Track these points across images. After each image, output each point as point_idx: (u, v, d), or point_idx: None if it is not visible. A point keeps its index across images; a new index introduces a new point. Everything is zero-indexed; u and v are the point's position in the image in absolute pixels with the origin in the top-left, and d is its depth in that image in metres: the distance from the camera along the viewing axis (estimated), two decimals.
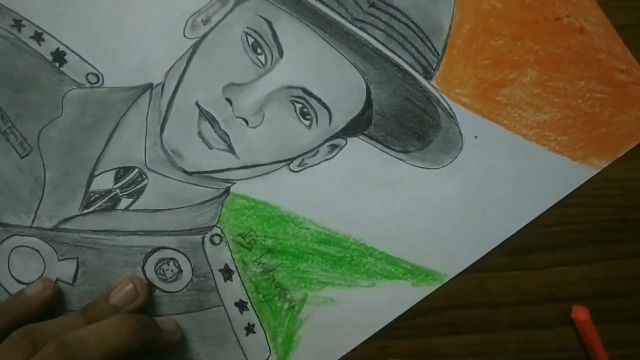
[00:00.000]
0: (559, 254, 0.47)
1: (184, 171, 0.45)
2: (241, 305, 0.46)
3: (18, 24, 0.44)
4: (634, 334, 0.47)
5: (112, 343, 0.37)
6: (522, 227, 0.46)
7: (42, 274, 0.44)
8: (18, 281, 0.44)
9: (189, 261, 0.45)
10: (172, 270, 0.45)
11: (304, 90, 0.44)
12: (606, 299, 0.47)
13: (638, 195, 0.47)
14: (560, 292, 0.47)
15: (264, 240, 0.46)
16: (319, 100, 0.44)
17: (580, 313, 0.46)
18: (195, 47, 0.45)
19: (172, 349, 0.44)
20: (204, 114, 0.44)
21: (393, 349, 0.47)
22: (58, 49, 0.44)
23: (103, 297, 0.42)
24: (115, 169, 0.45)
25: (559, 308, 0.47)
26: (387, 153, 0.46)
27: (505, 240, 0.47)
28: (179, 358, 0.45)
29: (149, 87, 0.45)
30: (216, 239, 0.46)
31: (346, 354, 0.46)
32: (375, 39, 0.44)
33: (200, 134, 0.44)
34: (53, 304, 0.43)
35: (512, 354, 0.47)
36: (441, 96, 0.45)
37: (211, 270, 0.46)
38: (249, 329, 0.46)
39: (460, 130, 0.46)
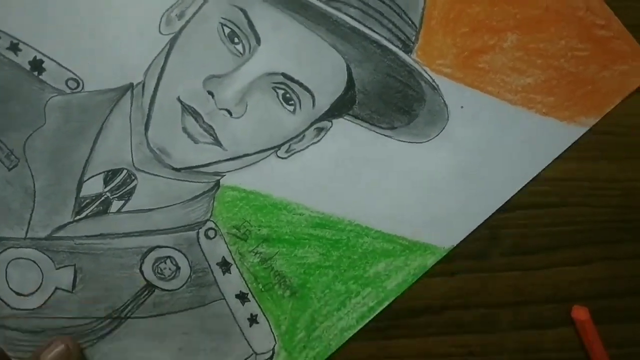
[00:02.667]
0: (559, 254, 0.47)
1: (173, 168, 0.45)
2: (242, 297, 0.46)
3: None
4: (634, 334, 0.47)
5: None
6: (523, 227, 0.47)
7: (41, 285, 0.44)
8: (17, 293, 0.44)
9: (186, 258, 0.45)
10: (169, 269, 0.45)
11: (285, 75, 0.44)
12: (606, 299, 0.47)
13: (638, 195, 0.47)
14: (560, 292, 0.47)
15: (259, 230, 0.46)
16: (300, 84, 0.44)
17: (580, 313, 0.46)
18: (172, 42, 0.44)
19: None
20: (187, 109, 0.44)
21: (393, 349, 0.47)
22: (35, 57, 0.44)
23: (34, 357, 0.42)
24: (103, 172, 0.45)
25: (559, 308, 0.47)
26: (374, 131, 0.46)
27: (506, 240, 0.47)
28: (185, 356, 0.45)
29: (130, 87, 0.44)
30: (211, 233, 0.45)
31: (346, 352, 0.46)
32: (352, 17, 0.43)
33: (185, 129, 0.44)
34: None
35: (512, 354, 0.47)
36: (423, 69, 0.45)
37: (209, 264, 0.45)
38: (252, 319, 0.46)
39: (445, 102, 0.45)
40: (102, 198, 0.45)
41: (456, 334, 0.47)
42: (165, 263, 0.45)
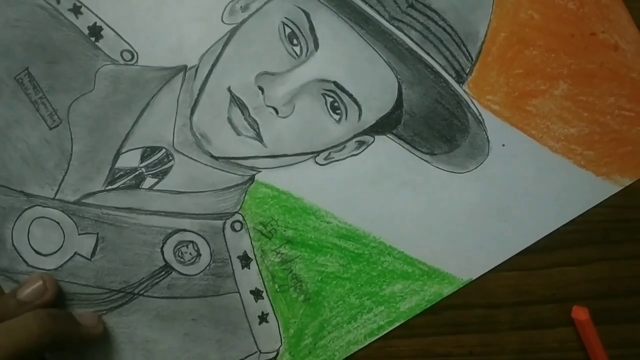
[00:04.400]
0: (559, 254, 0.47)
1: (211, 155, 0.45)
2: (256, 294, 0.46)
3: None
4: (634, 334, 0.48)
5: (21, 338, 0.37)
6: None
7: (61, 247, 0.45)
8: (36, 252, 0.44)
9: (209, 245, 0.45)
10: (190, 253, 0.45)
11: (337, 84, 0.44)
12: (606, 299, 0.47)
13: (638, 195, 0.47)
14: (560, 292, 0.47)
15: (285, 231, 0.46)
16: (350, 95, 0.44)
17: (580, 313, 0.46)
18: (232, 33, 0.45)
19: (93, 343, 0.44)
20: (235, 100, 0.44)
21: (393, 349, 0.47)
22: (95, 23, 0.44)
23: (11, 294, 0.42)
24: (142, 147, 0.45)
25: (559, 308, 0.47)
26: (414, 154, 0.46)
27: None
28: (190, 342, 0.45)
29: (183, 68, 0.45)
30: (237, 226, 0.46)
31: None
32: (411, 39, 0.44)
33: (229, 119, 0.44)
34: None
35: (512, 354, 0.47)
36: (472, 101, 0.45)
37: (229, 256, 0.46)
38: (263, 317, 0.46)
39: (487, 137, 0.46)
40: (137, 173, 0.45)
41: (456, 334, 0.47)
42: (187, 247, 0.45)
